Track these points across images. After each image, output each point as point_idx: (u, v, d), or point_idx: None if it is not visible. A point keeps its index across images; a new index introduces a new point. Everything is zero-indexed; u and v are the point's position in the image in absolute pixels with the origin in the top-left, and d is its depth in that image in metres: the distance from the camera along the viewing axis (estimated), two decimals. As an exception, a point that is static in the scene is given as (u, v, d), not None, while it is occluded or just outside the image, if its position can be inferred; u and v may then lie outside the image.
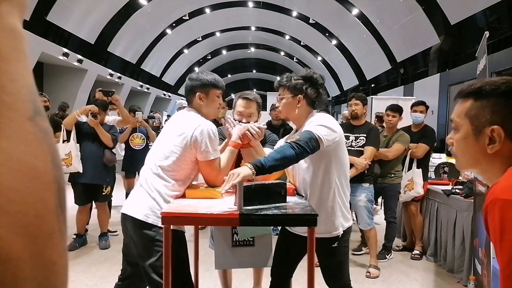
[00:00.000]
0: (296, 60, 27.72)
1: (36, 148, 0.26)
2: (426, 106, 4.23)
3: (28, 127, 0.26)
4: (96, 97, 4.14)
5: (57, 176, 0.28)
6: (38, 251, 0.25)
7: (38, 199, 0.26)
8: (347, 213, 2.06)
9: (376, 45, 16.47)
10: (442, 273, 3.65)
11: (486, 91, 0.93)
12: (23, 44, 0.28)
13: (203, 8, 18.82)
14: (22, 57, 0.28)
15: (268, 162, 1.72)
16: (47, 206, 0.26)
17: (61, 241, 0.27)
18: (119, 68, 17.34)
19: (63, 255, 0.27)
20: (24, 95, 0.27)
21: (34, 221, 0.25)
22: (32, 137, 0.26)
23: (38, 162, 0.26)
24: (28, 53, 0.29)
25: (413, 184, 3.92)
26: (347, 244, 2.12)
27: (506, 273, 0.76)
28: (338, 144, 1.96)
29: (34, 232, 0.25)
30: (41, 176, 0.26)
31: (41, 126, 0.27)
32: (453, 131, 1.01)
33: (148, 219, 1.88)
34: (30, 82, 0.28)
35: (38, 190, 0.26)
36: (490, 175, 0.95)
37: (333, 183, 1.97)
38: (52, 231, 0.26)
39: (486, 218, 0.83)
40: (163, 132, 2.10)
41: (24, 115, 0.26)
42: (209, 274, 3.27)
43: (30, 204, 0.25)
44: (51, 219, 0.26)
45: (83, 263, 3.63)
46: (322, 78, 2.10)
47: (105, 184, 4.04)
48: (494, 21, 10.54)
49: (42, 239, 0.25)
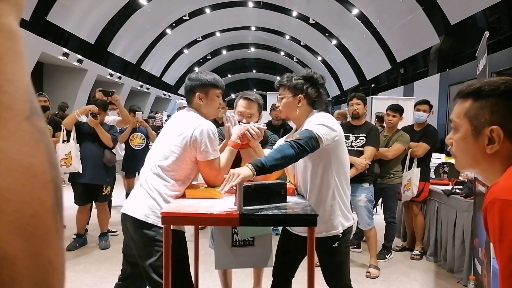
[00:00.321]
0: (296, 60, 27.71)
1: (33, 148, 0.27)
2: (430, 105, 4.21)
3: (24, 126, 0.26)
4: (96, 97, 4.14)
5: (54, 175, 0.28)
6: (34, 250, 0.25)
7: (35, 198, 0.26)
8: (347, 212, 2.06)
9: (376, 45, 16.46)
10: (442, 273, 3.65)
11: (485, 92, 0.94)
12: (19, 44, 0.28)
13: (203, 8, 18.82)
14: (19, 57, 0.28)
15: (268, 161, 1.72)
16: (44, 205, 0.26)
17: (58, 241, 0.27)
18: (119, 68, 17.34)
19: (60, 254, 0.28)
20: (20, 95, 0.27)
21: (31, 220, 0.25)
22: (28, 136, 0.26)
23: (35, 162, 0.26)
24: (25, 53, 0.29)
25: (410, 184, 3.91)
26: (348, 244, 2.12)
27: (505, 273, 0.76)
28: (338, 143, 1.96)
29: (31, 231, 0.25)
30: (38, 175, 0.26)
31: (38, 126, 0.27)
32: (452, 131, 1.01)
33: (148, 219, 1.88)
34: (27, 82, 0.28)
35: (35, 189, 0.26)
36: (489, 175, 0.95)
37: (332, 182, 1.97)
38: (49, 230, 0.26)
39: (485, 218, 0.83)
40: (163, 132, 2.10)
41: (21, 115, 0.26)
42: (209, 274, 3.27)
43: (27, 203, 0.25)
44: (48, 218, 0.26)
45: (83, 263, 3.63)
46: (322, 78, 2.11)
47: (105, 184, 4.03)
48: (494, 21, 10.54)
49: (38, 238, 0.25)
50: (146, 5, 15.66)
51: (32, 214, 0.25)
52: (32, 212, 0.25)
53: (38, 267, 0.25)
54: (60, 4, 11.73)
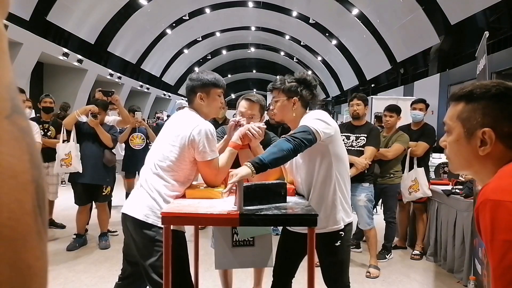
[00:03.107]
0: (296, 60, 27.72)
1: (13, 147, 0.26)
2: (426, 104, 4.22)
3: (4, 125, 0.26)
4: (96, 97, 4.14)
5: (35, 175, 0.27)
6: (12, 254, 0.24)
7: (13, 200, 0.25)
8: (348, 207, 2.06)
9: (376, 45, 16.47)
10: (442, 273, 3.65)
11: (477, 94, 0.95)
12: (3, 42, 0.27)
13: (203, 8, 18.83)
14: (2, 55, 0.27)
15: (266, 157, 1.71)
16: (22, 207, 0.25)
17: (38, 244, 0.26)
18: (119, 68, 17.34)
19: (41, 258, 0.26)
20: (1, 94, 0.26)
21: (8, 222, 0.24)
22: (8, 135, 0.26)
23: (14, 161, 0.25)
24: (7, 50, 0.28)
25: (418, 184, 3.90)
26: (349, 243, 2.13)
27: (497, 273, 0.77)
28: (335, 138, 1.96)
29: (7, 234, 0.24)
30: (17, 175, 0.25)
31: (19, 125, 0.27)
32: (446, 134, 1.03)
33: (148, 219, 1.88)
34: (9, 80, 0.27)
35: (13, 190, 0.25)
36: (482, 177, 0.97)
37: (333, 177, 1.97)
38: (27, 233, 0.25)
39: (477, 218, 0.84)
40: (163, 132, 2.10)
41: (1, 114, 0.26)
42: (209, 274, 3.27)
43: (4, 205, 0.24)
44: (26, 220, 0.25)
45: (83, 263, 3.63)
46: (315, 79, 2.13)
47: (105, 184, 4.03)
48: (494, 21, 10.55)
49: (16, 241, 0.24)
50: (146, 5, 15.67)
51: (9, 216, 0.24)
52: (9, 214, 0.24)
53: (16, 271, 0.24)
54: (60, 4, 11.73)
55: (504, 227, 0.76)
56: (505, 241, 0.76)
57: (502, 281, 0.76)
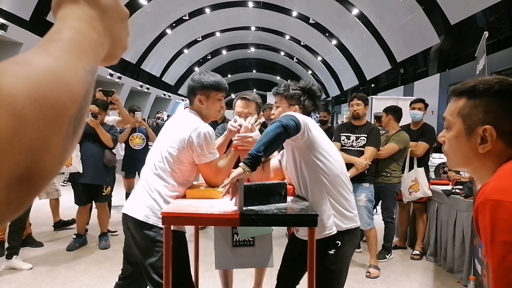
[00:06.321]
0: (296, 60, 27.72)
1: (79, 78, 0.35)
2: (425, 104, 4.22)
3: (83, 65, 0.36)
4: (96, 97, 4.14)
5: (82, 106, 0.34)
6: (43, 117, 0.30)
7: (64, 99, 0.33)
8: (346, 212, 1.89)
9: (376, 45, 16.47)
10: (442, 273, 3.65)
11: (480, 90, 0.93)
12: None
13: (203, 8, 18.84)
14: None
15: (255, 149, 1.65)
16: (67, 109, 0.33)
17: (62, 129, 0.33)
18: (119, 68, 17.33)
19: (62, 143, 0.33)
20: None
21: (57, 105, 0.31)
22: (80, 71, 0.35)
23: (75, 85, 0.34)
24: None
25: (418, 184, 3.89)
26: (348, 254, 1.95)
27: (497, 274, 0.75)
28: (317, 143, 1.85)
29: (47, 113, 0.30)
30: (72, 92, 0.33)
31: (92, 71, 0.38)
32: (445, 129, 1.01)
33: (149, 220, 1.88)
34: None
35: (64, 94, 0.32)
36: (481, 174, 0.95)
37: (319, 181, 1.85)
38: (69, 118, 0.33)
39: (476, 218, 0.82)
40: (162, 132, 2.10)
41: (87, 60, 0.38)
42: (209, 274, 3.27)
43: (57, 96, 0.31)
44: (73, 108, 0.33)
45: (83, 263, 3.63)
46: (320, 90, 2.10)
47: (105, 184, 4.03)
48: (494, 21, 10.55)
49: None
50: (146, 5, 15.67)
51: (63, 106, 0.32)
52: (63, 104, 0.32)
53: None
54: (60, 4, 11.71)
55: (504, 227, 0.75)
56: (505, 242, 0.74)
57: (502, 283, 0.74)
